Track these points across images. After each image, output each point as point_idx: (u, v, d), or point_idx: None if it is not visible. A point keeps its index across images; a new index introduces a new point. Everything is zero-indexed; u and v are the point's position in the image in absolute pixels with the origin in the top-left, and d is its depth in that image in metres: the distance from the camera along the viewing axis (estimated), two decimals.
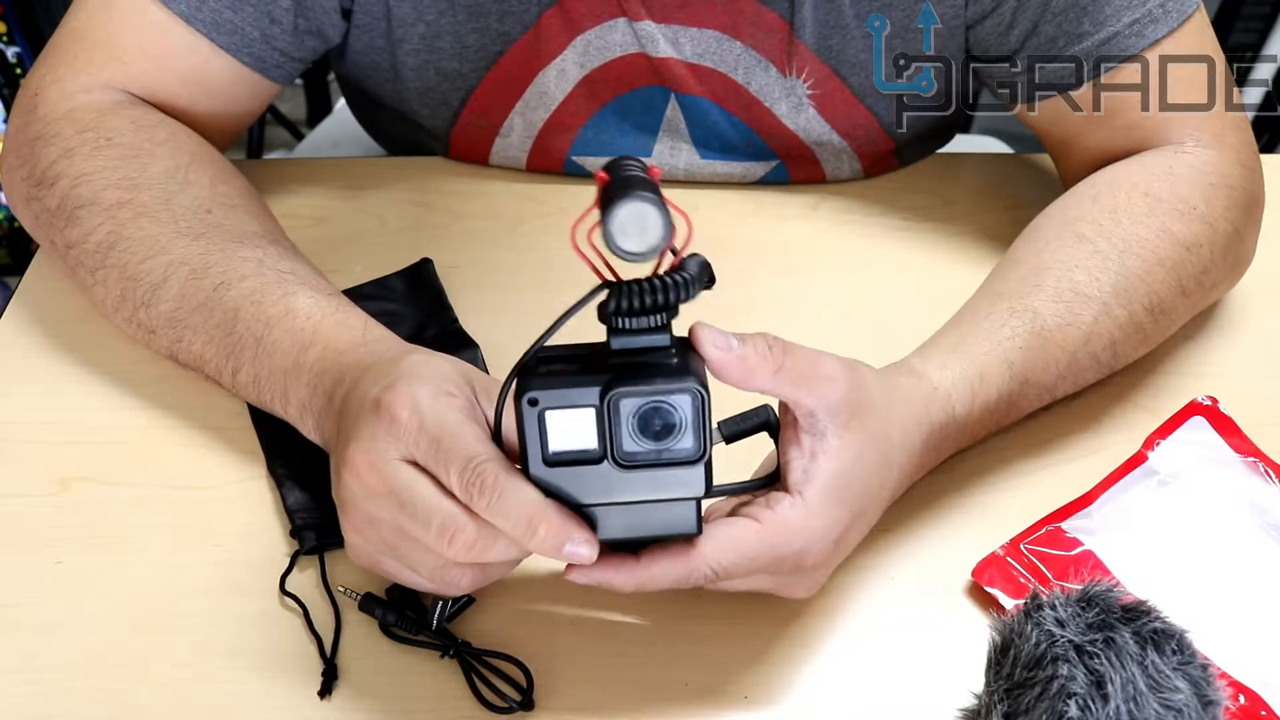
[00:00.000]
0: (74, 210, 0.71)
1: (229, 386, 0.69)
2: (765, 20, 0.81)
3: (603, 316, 0.52)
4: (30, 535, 0.67)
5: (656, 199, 0.48)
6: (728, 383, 0.54)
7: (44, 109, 0.75)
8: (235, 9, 0.76)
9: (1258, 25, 1.81)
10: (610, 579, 0.56)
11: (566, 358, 0.53)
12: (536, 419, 0.52)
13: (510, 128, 0.88)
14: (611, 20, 0.81)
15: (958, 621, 0.64)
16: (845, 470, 0.57)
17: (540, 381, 0.52)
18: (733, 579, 0.57)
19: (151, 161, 0.73)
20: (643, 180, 0.50)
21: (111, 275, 0.71)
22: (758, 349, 0.54)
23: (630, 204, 0.48)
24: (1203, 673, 0.49)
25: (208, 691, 0.60)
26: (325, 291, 0.68)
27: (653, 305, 0.51)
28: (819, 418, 0.56)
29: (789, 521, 0.56)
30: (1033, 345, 0.67)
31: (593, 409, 0.52)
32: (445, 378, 0.56)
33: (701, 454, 0.53)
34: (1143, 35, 0.75)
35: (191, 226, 0.70)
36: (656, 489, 0.54)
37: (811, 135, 0.86)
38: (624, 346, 0.52)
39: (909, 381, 0.63)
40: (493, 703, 0.59)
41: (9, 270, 1.89)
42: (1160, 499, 0.69)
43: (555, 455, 0.53)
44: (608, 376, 0.52)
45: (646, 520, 0.55)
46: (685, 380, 0.51)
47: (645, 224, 0.48)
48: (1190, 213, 0.73)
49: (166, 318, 0.69)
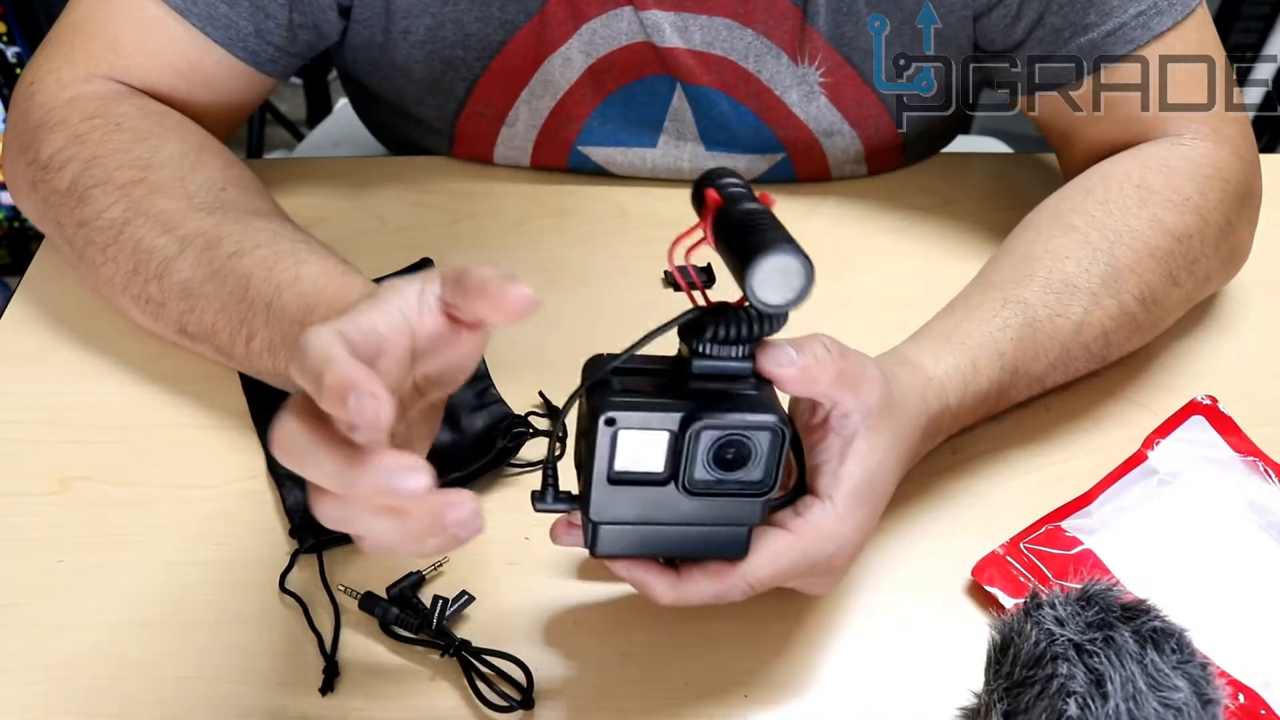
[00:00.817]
0: (87, 190, 0.71)
1: (241, 358, 0.67)
2: (778, 7, 0.81)
3: (688, 338, 0.51)
4: (30, 535, 0.67)
5: (797, 249, 0.47)
6: (792, 394, 0.54)
7: (42, 98, 0.76)
8: (230, 3, 0.76)
9: (1258, 25, 1.81)
10: (651, 585, 0.56)
11: (640, 372, 0.52)
12: (610, 438, 0.51)
13: (516, 117, 0.88)
14: (618, 8, 0.81)
15: (958, 620, 0.64)
16: (872, 472, 0.57)
17: (619, 401, 0.50)
18: (767, 589, 0.57)
19: (163, 144, 0.73)
20: (771, 218, 0.49)
21: (124, 250, 0.70)
22: (818, 356, 0.54)
23: (779, 258, 0.47)
24: (1202, 671, 0.49)
25: (208, 690, 0.60)
26: (335, 259, 0.67)
27: (746, 335, 0.50)
28: (853, 419, 0.56)
29: (822, 528, 0.56)
30: (1024, 336, 0.67)
31: (668, 433, 0.51)
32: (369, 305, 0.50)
33: (770, 488, 0.53)
34: (1147, 27, 0.75)
35: (206, 202, 0.70)
36: (715, 514, 0.53)
37: (821, 125, 0.86)
38: (705, 370, 0.51)
39: (905, 372, 0.63)
40: (493, 702, 0.59)
41: (9, 270, 1.89)
42: (1160, 498, 0.69)
43: (619, 474, 0.52)
44: (690, 404, 0.51)
45: (696, 541, 0.55)
46: (768, 415, 0.51)
47: (790, 279, 0.47)
48: (1183, 204, 0.73)
49: (179, 289, 0.68)
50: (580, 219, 0.89)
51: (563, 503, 0.55)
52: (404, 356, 0.49)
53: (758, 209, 0.50)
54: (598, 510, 0.53)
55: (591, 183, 0.91)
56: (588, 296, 0.80)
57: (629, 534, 0.54)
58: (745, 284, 0.47)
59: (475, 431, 0.70)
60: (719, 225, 0.50)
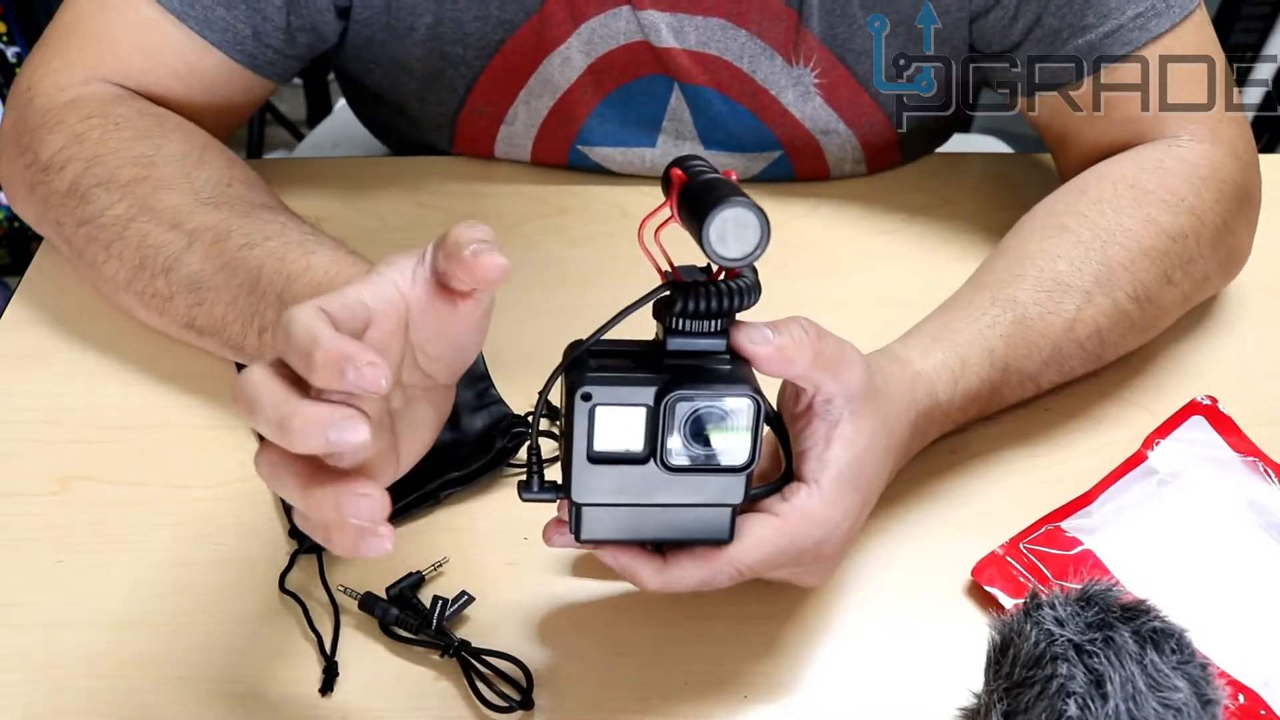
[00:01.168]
0: (89, 189, 0.71)
1: (253, 350, 0.67)
2: (772, 8, 0.81)
3: (661, 316, 0.52)
4: (30, 534, 0.67)
5: (753, 205, 0.48)
6: (768, 374, 0.54)
7: (40, 100, 0.75)
8: (227, 6, 0.76)
9: (1258, 25, 1.81)
10: (638, 570, 0.56)
11: (617, 354, 0.53)
12: (588, 414, 0.51)
13: (515, 115, 0.88)
14: (616, 8, 0.81)
15: (957, 620, 0.64)
16: (858, 457, 0.57)
17: (595, 377, 0.51)
18: (755, 576, 0.57)
19: (165, 143, 0.73)
20: (729, 182, 0.50)
21: (129, 247, 0.70)
22: (795, 337, 0.54)
23: (732, 209, 0.47)
24: (1202, 672, 0.49)
25: (208, 690, 0.60)
26: (344, 250, 0.67)
27: (716, 310, 0.51)
28: (836, 403, 0.56)
29: (808, 512, 0.56)
30: (1014, 333, 0.67)
31: (645, 409, 0.51)
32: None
33: (749, 463, 0.53)
34: (1146, 29, 0.75)
35: (213, 197, 0.70)
36: (696, 494, 0.54)
37: (818, 124, 0.86)
38: (680, 348, 0.52)
39: (892, 367, 0.63)
40: (492, 702, 0.59)
41: (9, 270, 1.89)
42: (1160, 498, 0.69)
43: (599, 454, 0.52)
44: (664, 378, 0.51)
45: (680, 524, 0.55)
46: (742, 387, 0.51)
47: (745, 230, 0.48)
48: (1178, 204, 0.73)
49: (188, 282, 0.68)
50: (580, 219, 0.89)
51: (548, 492, 0.55)
52: (397, 328, 0.49)
53: (717, 178, 0.50)
54: (579, 491, 0.53)
55: (591, 182, 0.91)
56: (588, 296, 0.80)
57: (613, 517, 0.55)
58: (703, 240, 0.48)
59: (475, 431, 0.70)
60: (682, 199, 0.50)
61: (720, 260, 0.48)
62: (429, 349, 0.51)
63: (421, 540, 0.66)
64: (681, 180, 0.51)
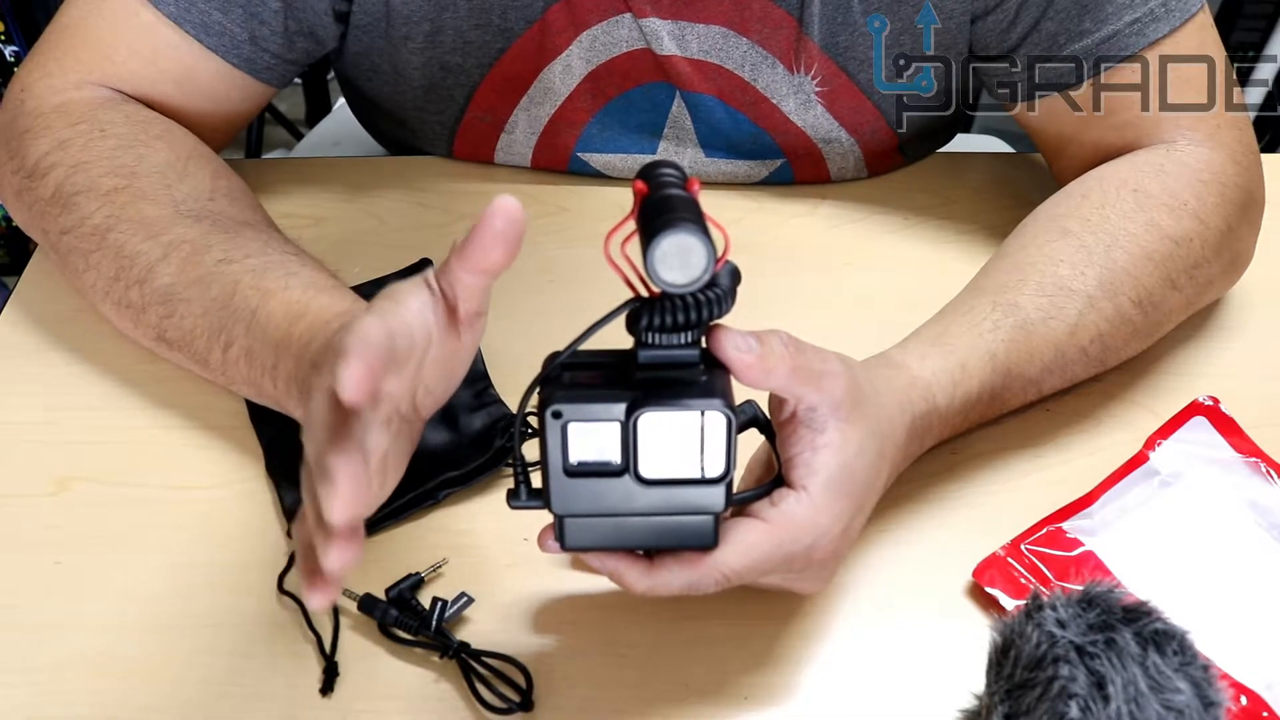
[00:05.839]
0: (70, 197, 0.71)
1: (216, 365, 0.67)
2: (773, 17, 0.81)
3: (632, 329, 0.51)
4: (30, 535, 0.66)
5: (699, 228, 0.47)
6: (746, 384, 0.54)
7: (32, 104, 0.75)
8: (224, 10, 0.76)
9: (1259, 25, 1.81)
10: (624, 574, 0.56)
11: (591, 366, 0.53)
12: (560, 431, 0.51)
13: (515, 124, 0.88)
14: (617, 16, 0.81)
15: (958, 622, 0.64)
16: (847, 463, 0.57)
17: (565, 394, 0.51)
18: (744, 581, 0.57)
19: (149, 153, 0.73)
20: (684, 200, 0.49)
21: (107, 257, 0.69)
22: (775, 350, 0.54)
23: (673, 236, 0.47)
24: (1204, 674, 0.49)
25: (207, 690, 0.60)
26: (325, 272, 0.67)
27: (685, 322, 0.50)
28: (820, 412, 0.56)
29: (796, 518, 0.56)
30: (1016, 338, 0.67)
31: (618, 424, 0.51)
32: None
33: (725, 474, 0.53)
34: (1143, 34, 0.75)
35: (193, 210, 0.69)
36: (676, 504, 0.53)
37: (820, 132, 0.86)
38: (651, 360, 0.51)
39: (889, 373, 0.63)
40: (492, 704, 0.58)
41: (8, 270, 1.89)
42: (1161, 499, 0.69)
43: (575, 466, 0.52)
44: (634, 393, 0.51)
45: (664, 531, 0.55)
46: (713, 401, 0.51)
47: (689, 257, 0.47)
48: (1180, 208, 0.73)
49: (161, 293, 0.68)
50: (580, 219, 0.89)
51: (536, 500, 0.55)
52: (418, 363, 0.50)
53: (676, 194, 0.50)
54: (558, 503, 0.54)
55: (591, 183, 0.91)
56: (587, 297, 0.79)
57: (596, 526, 0.55)
58: (647, 262, 0.47)
59: (473, 431, 0.70)
60: (640, 214, 0.50)
61: (664, 285, 0.48)
62: (430, 381, 0.52)
63: (420, 541, 0.66)
64: (642, 194, 0.50)
